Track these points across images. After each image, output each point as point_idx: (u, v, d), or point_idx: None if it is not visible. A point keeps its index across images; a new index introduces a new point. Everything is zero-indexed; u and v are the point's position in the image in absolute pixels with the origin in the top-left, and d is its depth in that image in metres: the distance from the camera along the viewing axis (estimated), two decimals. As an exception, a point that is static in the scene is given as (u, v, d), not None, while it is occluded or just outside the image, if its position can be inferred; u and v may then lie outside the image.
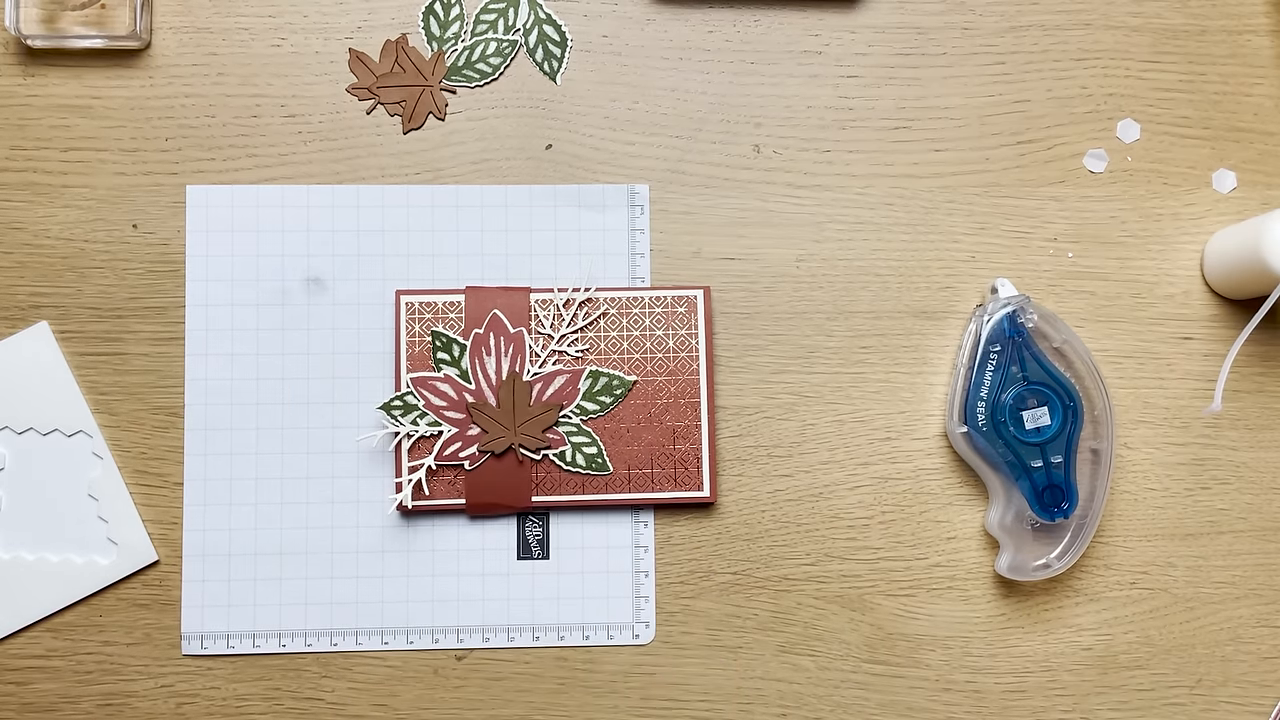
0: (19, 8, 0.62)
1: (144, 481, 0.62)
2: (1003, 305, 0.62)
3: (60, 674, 0.61)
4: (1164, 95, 0.66)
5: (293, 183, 0.64)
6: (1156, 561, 0.64)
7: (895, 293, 0.65)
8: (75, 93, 0.63)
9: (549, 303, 0.63)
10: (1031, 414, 0.61)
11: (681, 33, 0.65)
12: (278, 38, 0.64)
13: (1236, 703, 0.64)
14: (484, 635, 0.62)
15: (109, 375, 0.62)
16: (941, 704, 0.63)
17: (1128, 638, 0.64)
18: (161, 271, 0.63)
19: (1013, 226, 0.65)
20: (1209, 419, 0.65)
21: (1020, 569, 0.62)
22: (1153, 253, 0.65)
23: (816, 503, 0.64)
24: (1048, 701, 0.63)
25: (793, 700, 0.63)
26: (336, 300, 0.63)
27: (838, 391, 0.64)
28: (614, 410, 0.63)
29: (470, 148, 0.64)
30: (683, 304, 0.63)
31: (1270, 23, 0.67)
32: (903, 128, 0.65)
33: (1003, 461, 0.61)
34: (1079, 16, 0.66)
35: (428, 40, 0.65)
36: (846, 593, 0.64)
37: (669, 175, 0.65)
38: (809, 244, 0.65)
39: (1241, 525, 0.65)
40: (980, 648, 0.64)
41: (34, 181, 0.63)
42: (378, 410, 0.62)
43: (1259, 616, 0.64)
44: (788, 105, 0.65)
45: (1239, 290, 0.64)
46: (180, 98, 0.64)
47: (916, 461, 0.64)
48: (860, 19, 0.66)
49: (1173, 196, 0.66)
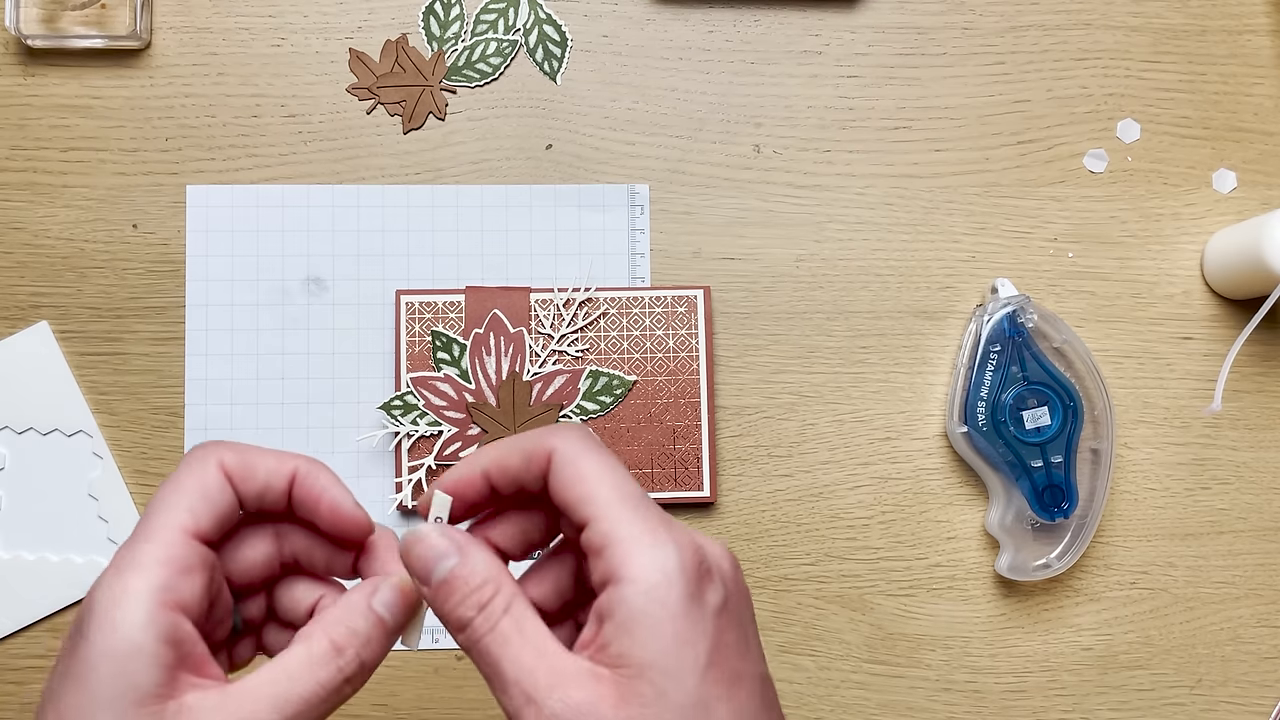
0: (19, 8, 0.62)
1: (144, 481, 0.62)
2: (1003, 305, 0.62)
3: (60, 674, 0.61)
4: (1164, 95, 0.66)
5: (293, 183, 0.64)
6: (1156, 561, 0.64)
7: (895, 293, 0.65)
8: (75, 93, 0.63)
9: (549, 303, 0.63)
10: (1031, 414, 0.61)
11: (681, 33, 0.65)
12: (278, 38, 0.64)
13: (1236, 703, 0.64)
14: (484, 635, 0.62)
15: (109, 375, 0.62)
16: (941, 704, 0.63)
17: (1128, 638, 0.64)
18: (161, 271, 0.63)
19: (1013, 226, 0.65)
20: (1209, 419, 0.65)
21: (1020, 569, 0.62)
22: (1153, 253, 0.65)
23: (816, 503, 0.64)
24: (1048, 701, 0.63)
25: (793, 700, 0.63)
26: (336, 300, 0.63)
27: (838, 391, 0.64)
28: (614, 410, 0.63)
29: (470, 148, 0.64)
30: (683, 304, 0.63)
31: (1270, 23, 0.67)
32: (903, 128, 0.65)
33: (1003, 461, 0.61)
34: (1079, 16, 0.66)
35: (428, 40, 0.65)
36: (846, 593, 0.63)
37: (669, 175, 0.65)
38: (809, 244, 0.65)
39: (1241, 525, 0.65)
40: (980, 648, 0.64)
41: (34, 181, 0.63)
42: (378, 410, 0.62)
43: (1259, 616, 0.64)
44: (788, 105, 0.65)
45: (1239, 290, 0.64)
46: (180, 98, 0.64)
47: (916, 461, 0.64)
48: (860, 19, 0.66)
49: (1173, 196, 0.66)
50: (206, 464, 0.36)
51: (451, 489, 0.37)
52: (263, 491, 0.37)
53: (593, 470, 0.35)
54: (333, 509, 0.37)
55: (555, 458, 0.35)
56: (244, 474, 0.36)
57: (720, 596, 0.34)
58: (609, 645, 0.32)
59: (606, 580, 0.33)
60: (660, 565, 0.33)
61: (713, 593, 0.34)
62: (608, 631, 0.33)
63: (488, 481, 0.37)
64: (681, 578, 0.33)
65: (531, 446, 0.36)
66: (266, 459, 0.37)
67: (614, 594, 0.33)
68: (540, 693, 0.32)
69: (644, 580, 0.33)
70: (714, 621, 0.33)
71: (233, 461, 0.36)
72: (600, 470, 0.35)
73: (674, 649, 0.32)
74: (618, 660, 0.32)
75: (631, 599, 0.32)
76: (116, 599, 0.32)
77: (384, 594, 0.36)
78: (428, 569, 0.35)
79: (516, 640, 0.33)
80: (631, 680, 0.32)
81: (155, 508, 0.35)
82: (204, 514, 0.35)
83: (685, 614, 0.32)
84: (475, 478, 0.37)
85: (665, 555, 0.33)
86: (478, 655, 0.34)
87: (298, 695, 0.33)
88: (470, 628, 0.34)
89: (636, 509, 0.34)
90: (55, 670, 0.33)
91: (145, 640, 0.32)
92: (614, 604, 0.33)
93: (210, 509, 0.35)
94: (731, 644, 0.34)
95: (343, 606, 0.36)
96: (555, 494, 0.35)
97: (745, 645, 0.35)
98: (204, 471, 0.36)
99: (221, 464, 0.36)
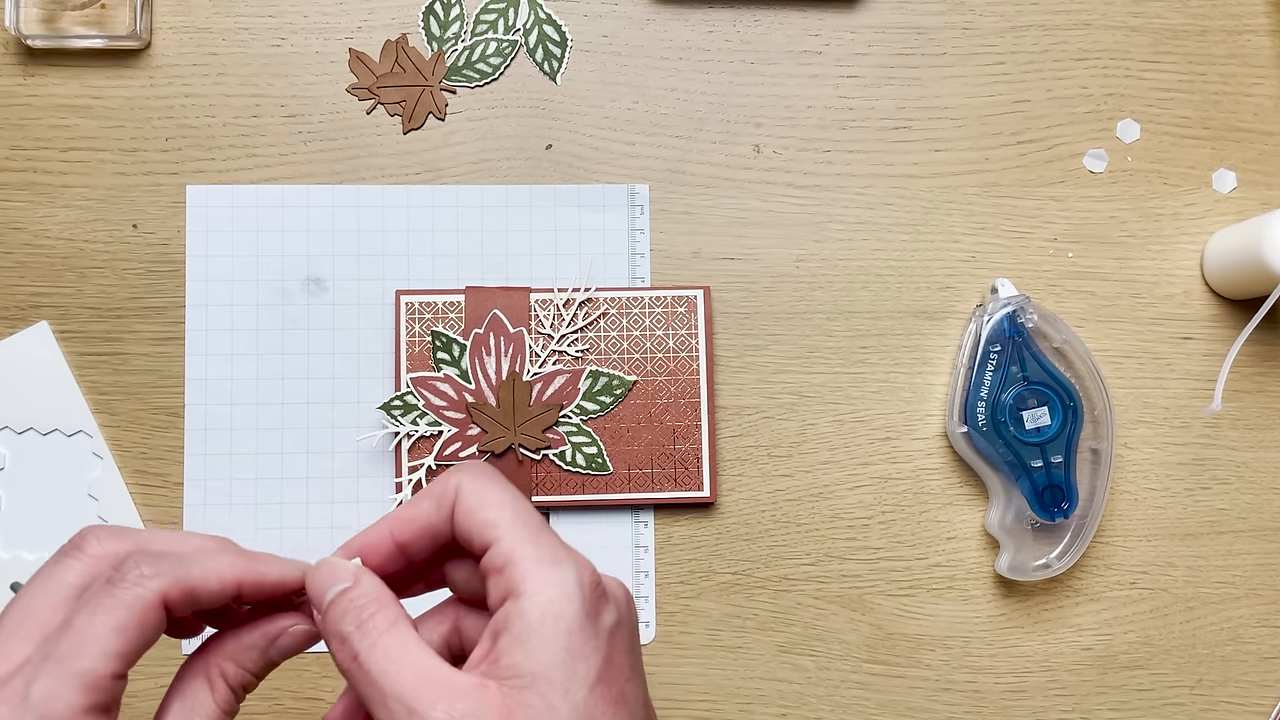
0: (19, 8, 0.62)
1: (144, 481, 0.62)
2: (1003, 305, 0.62)
3: (60, 674, 0.61)
4: (1164, 95, 0.66)
5: (293, 183, 0.64)
6: (1156, 561, 0.64)
7: (895, 293, 0.65)
8: (75, 93, 0.63)
9: (549, 303, 0.63)
10: (1031, 414, 0.61)
11: (681, 33, 0.65)
12: (278, 38, 0.64)
13: (1236, 703, 0.64)
14: (484, 635, 0.62)
15: (109, 375, 0.62)
16: (941, 704, 0.63)
17: (1128, 638, 0.64)
18: (161, 271, 0.63)
19: (1013, 226, 0.65)
20: (1209, 419, 0.65)
21: (1020, 569, 0.62)
22: (1153, 253, 0.65)
23: (816, 503, 0.64)
24: (1048, 701, 0.63)
25: (793, 700, 0.63)
26: (336, 300, 0.63)
27: (838, 391, 0.64)
28: (614, 410, 0.63)
29: (470, 148, 0.64)
30: (683, 304, 0.63)
31: (1270, 23, 0.66)
32: (903, 128, 0.65)
33: (1003, 461, 0.61)
34: (1079, 16, 0.66)
35: (428, 40, 0.65)
36: (846, 593, 0.64)
37: (669, 175, 0.65)
38: (809, 244, 0.65)
39: (1241, 525, 0.65)
40: (980, 648, 0.64)
41: (34, 181, 0.63)
42: (378, 410, 0.62)
43: (1259, 616, 0.64)
44: (788, 105, 0.65)
45: (1239, 290, 0.64)
46: (180, 98, 0.64)
47: (916, 461, 0.64)
48: (860, 19, 0.66)
49: (1173, 196, 0.66)
50: (146, 602, 0.33)
51: (358, 550, 0.37)
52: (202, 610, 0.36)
53: (495, 498, 0.36)
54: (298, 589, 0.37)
55: (461, 490, 0.36)
56: (184, 605, 0.35)
57: (614, 618, 0.34)
58: (501, 658, 0.33)
59: (505, 595, 0.34)
60: (559, 581, 0.34)
61: (608, 613, 0.34)
62: (502, 644, 0.33)
63: (394, 542, 0.37)
64: (579, 594, 0.33)
65: (439, 488, 0.37)
66: (209, 585, 0.35)
67: (511, 608, 0.33)
68: (423, 705, 0.32)
69: (542, 595, 0.33)
70: (607, 640, 0.34)
71: (176, 596, 0.34)
72: (503, 498, 0.35)
73: (566, 661, 0.33)
74: (509, 671, 0.33)
75: (528, 611, 0.33)
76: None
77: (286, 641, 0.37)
78: (322, 591, 0.36)
79: (399, 655, 0.33)
80: (520, 691, 0.32)
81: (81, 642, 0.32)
82: (133, 657, 0.33)
83: (580, 629, 0.33)
84: (383, 540, 0.37)
85: (564, 573, 0.34)
86: (357, 671, 0.34)
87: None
88: (349, 642, 0.34)
89: (538, 533, 0.35)
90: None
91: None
92: (510, 618, 0.33)
93: (141, 650, 0.34)
94: (621, 665, 0.34)
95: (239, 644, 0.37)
96: (460, 523, 0.36)
97: (634, 670, 0.35)
98: (144, 612, 0.33)
99: (164, 602, 0.34)
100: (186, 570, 0.34)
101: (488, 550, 0.35)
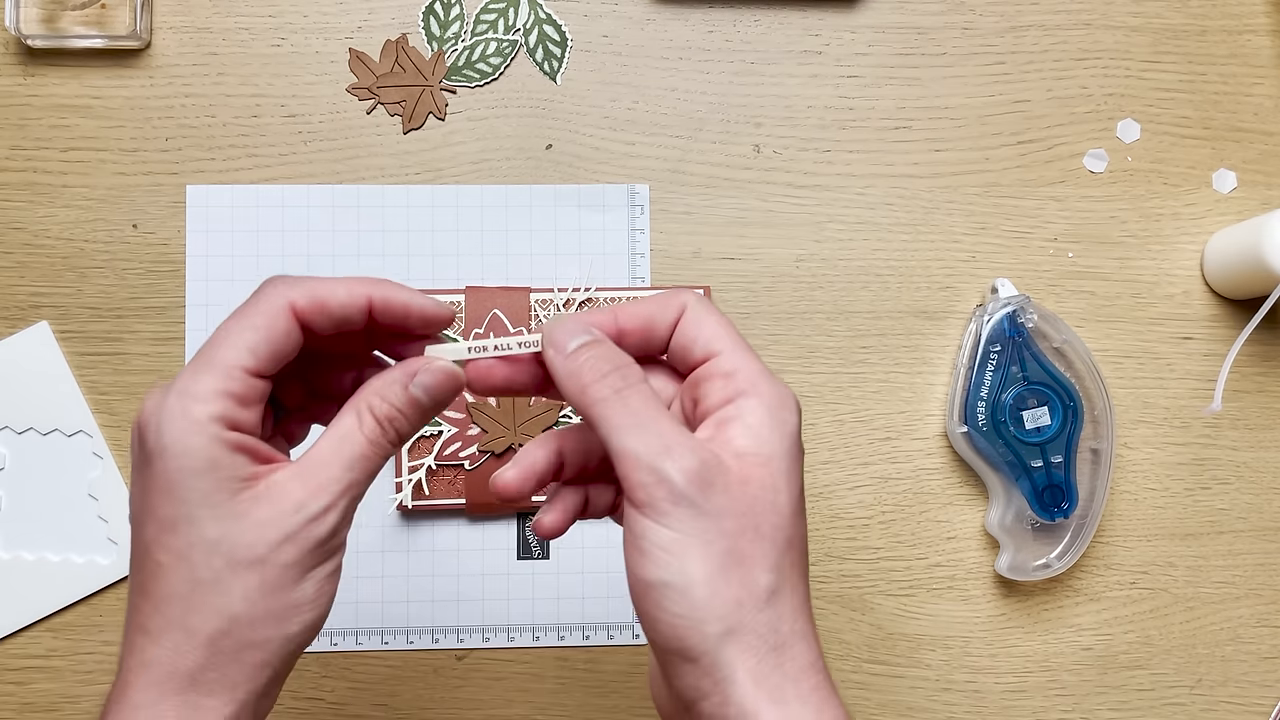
0: (19, 8, 0.62)
1: (144, 481, 0.62)
2: (1003, 305, 0.62)
3: (60, 674, 0.61)
4: (1164, 95, 0.66)
5: (293, 183, 0.64)
6: (1156, 561, 0.64)
7: (895, 293, 0.65)
8: (75, 93, 0.63)
9: (549, 303, 0.63)
10: (1031, 414, 0.61)
11: (681, 33, 0.65)
12: (278, 38, 0.64)
13: (1236, 703, 0.64)
14: (484, 635, 0.62)
15: (109, 375, 0.62)
16: (941, 704, 0.63)
17: (1128, 638, 0.64)
18: (161, 271, 0.63)
19: (1013, 226, 0.65)
20: (1209, 419, 0.65)
21: (1020, 569, 0.62)
22: (1153, 253, 0.65)
23: (816, 503, 0.64)
24: (1048, 701, 0.63)
25: (793, 700, 0.63)
26: (336, 300, 0.63)
27: (838, 391, 0.64)
28: (614, 410, 0.63)
29: (470, 148, 0.64)
30: (683, 304, 0.63)
31: (1270, 23, 0.67)
32: (903, 128, 0.65)
33: (1003, 461, 0.61)
34: (1079, 16, 0.66)
35: (428, 40, 0.65)
36: (846, 593, 0.64)
37: (669, 175, 0.65)
38: (809, 244, 0.65)
39: (1241, 525, 0.65)
40: (980, 648, 0.64)
41: (34, 181, 0.63)
42: (378, 410, 0.62)
43: (1259, 616, 0.64)
44: (788, 105, 0.65)
45: (1239, 290, 0.64)
46: (180, 98, 0.64)
47: (916, 461, 0.64)
48: (860, 19, 0.66)
49: (1173, 196, 0.66)
50: (276, 306, 0.38)
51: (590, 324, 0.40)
52: (338, 324, 0.39)
53: (719, 318, 0.40)
54: (422, 317, 0.40)
55: (689, 305, 0.40)
56: (316, 314, 0.38)
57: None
58: (733, 441, 0.37)
59: (736, 395, 0.37)
60: (784, 394, 0.38)
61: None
62: (733, 430, 0.37)
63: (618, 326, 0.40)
64: (798, 408, 0.38)
65: (666, 298, 0.40)
66: (337, 293, 0.38)
67: (745, 404, 0.37)
68: (660, 458, 0.35)
69: (773, 398, 0.38)
70: (803, 458, 0.39)
71: (304, 304, 0.38)
72: (725, 321, 0.40)
73: (792, 453, 0.37)
74: (743, 450, 0.36)
75: (761, 408, 0.37)
76: (187, 428, 0.36)
77: (423, 378, 0.39)
78: (565, 339, 0.39)
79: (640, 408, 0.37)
80: (753, 467, 0.36)
81: (221, 340, 0.37)
82: (266, 356, 0.37)
83: (798, 437, 0.38)
84: (608, 322, 0.40)
85: (786, 391, 0.38)
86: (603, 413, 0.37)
87: (358, 454, 0.39)
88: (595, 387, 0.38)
89: (757, 356, 0.39)
90: (133, 499, 0.38)
91: (219, 454, 0.36)
92: (745, 411, 0.37)
93: (272, 352, 0.37)
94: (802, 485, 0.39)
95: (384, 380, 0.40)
96: (685, 331, 0.39)
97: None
98: (273, 314, 0.38)
99: (292, 308, 0.38)
100: (316, 282, 0.39)
101: (710, 359, 0.39)
